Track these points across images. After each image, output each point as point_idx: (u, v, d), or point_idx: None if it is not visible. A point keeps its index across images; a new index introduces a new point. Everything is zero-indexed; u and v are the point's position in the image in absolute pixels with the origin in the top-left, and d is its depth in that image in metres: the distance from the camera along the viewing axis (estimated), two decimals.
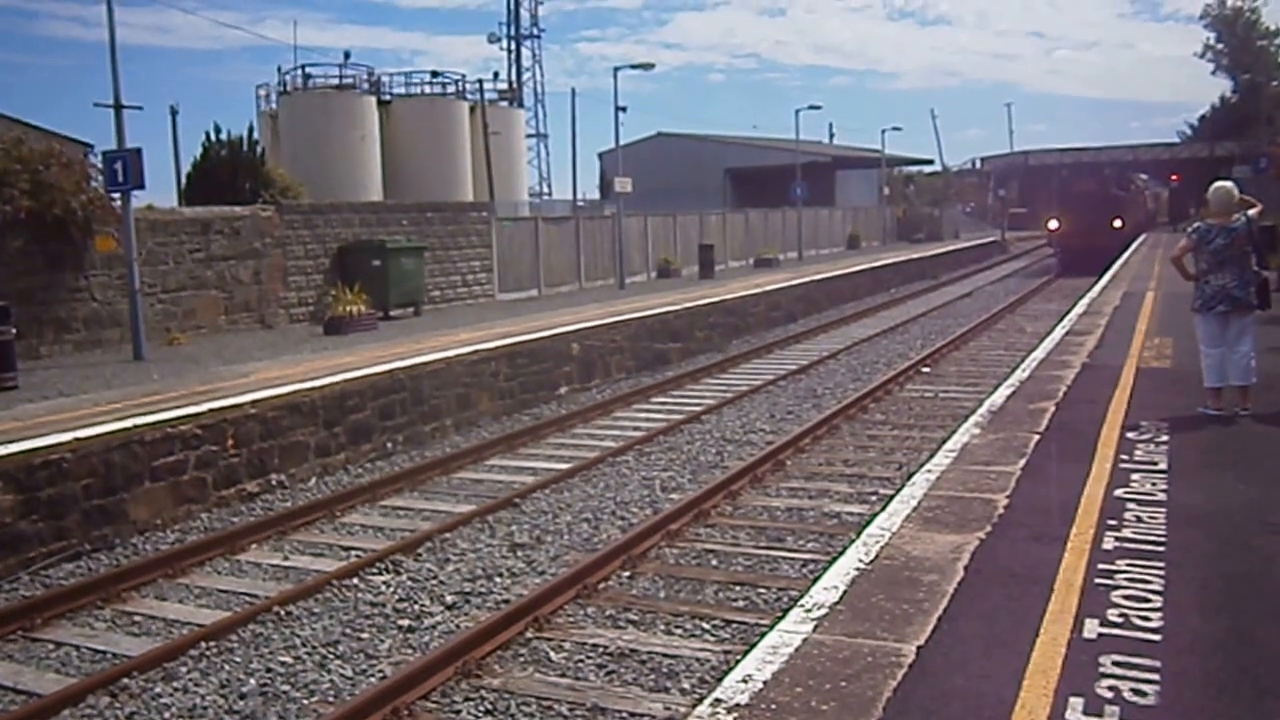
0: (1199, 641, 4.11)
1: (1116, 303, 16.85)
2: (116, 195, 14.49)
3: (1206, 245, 8.15)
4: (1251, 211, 8.27)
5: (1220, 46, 61.05)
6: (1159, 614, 4.34)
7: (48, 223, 14.24)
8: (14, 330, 12.25)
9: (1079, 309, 16.20)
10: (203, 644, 6.67)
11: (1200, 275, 8.24)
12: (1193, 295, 8.37)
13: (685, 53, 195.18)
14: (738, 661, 4.30)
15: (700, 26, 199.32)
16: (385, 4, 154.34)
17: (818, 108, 40.31)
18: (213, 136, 20.46)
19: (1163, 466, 6.72)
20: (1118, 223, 34.44)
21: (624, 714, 5.58)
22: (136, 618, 7.33)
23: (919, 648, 4.04)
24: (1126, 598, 4.52)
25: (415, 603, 7.36)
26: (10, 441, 8.66)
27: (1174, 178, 57.80)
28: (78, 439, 8.86)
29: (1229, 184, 8.37)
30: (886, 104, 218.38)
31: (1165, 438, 7.50)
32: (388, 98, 31.95)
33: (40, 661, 6.68)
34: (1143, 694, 3.65)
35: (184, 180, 21.86)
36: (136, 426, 9.35)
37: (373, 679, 6.14)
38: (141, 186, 14.21)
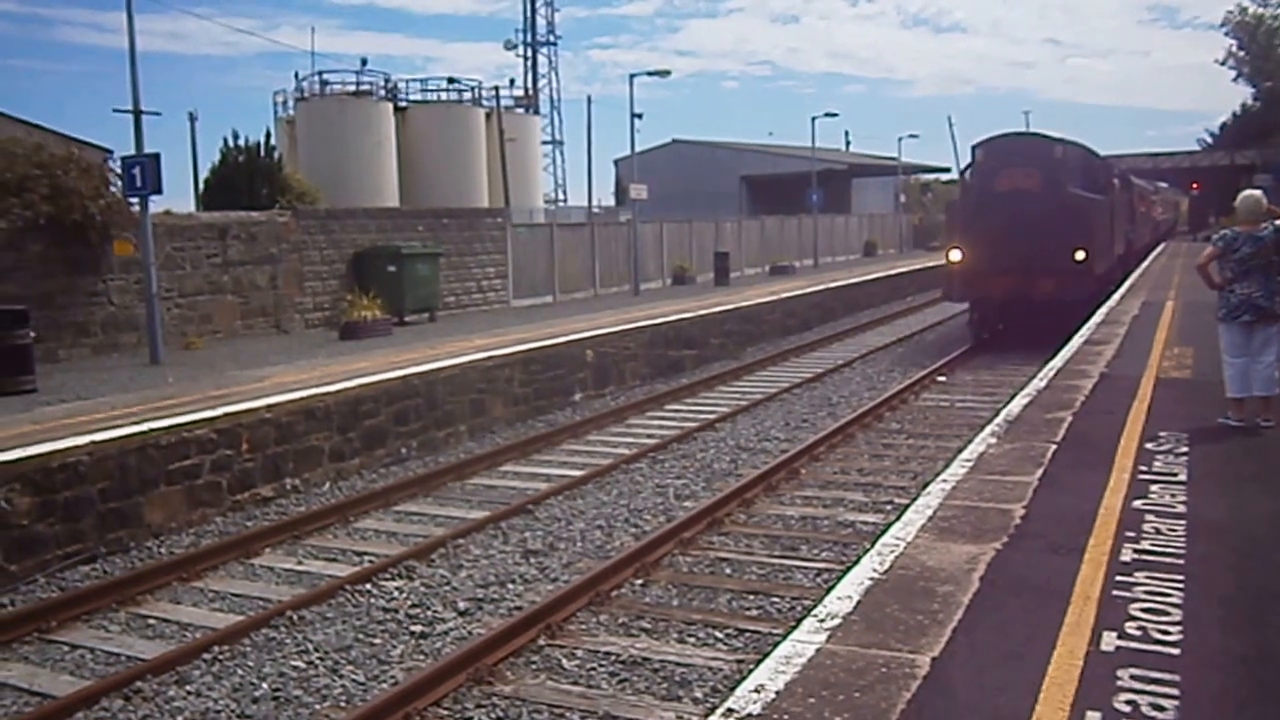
0: (1219, 656, 4.05)
1: (1135, 312, 16.73)
2: (135, 200, 14.58)
3: (1232, 253, 8.09)
4: (1279, 221, 8.19)
5: (1241, 54, 60.63)
6: (1178, 627, 4.28)
7: (67, 227, 14.33)
8: (33, 334, 12.33)
9: (1097, 318, 16.09)
10: (216, 647, 6.68)
11: (1226, 284, 8.17)
12: (1218, 304, 8.30)
13: (699, 60, 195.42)
14: (750, 671, 4.27)
15: (713, 34, 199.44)
16: (399, 11, 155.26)
17: (834, 115, 40.08)
18: (230, 142, 20.60)
19: (1182, 478, 6.64)
20: (1080, 254, 18.25)
21: None
22: (151, 621, 7.36)
23: (933, 659, 4.00)
24: (1145, 611, 4.46)
25: (428, 608, 7.35)
26: (28, 444, 8.71)
27: (1194, 186, 57.44)
28: (94, 442, 8.90)
29: (1258, 192, 8.30)
30: (901, 111, 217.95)
31: (1185, 449, 7.42)
32: (404, 104, 32.09)
33: (55, 663, 6.71)
34: (1161, 709, 3.59)
35: (202, 185, 22.03)
36: (152, 430, 9.38)
37: (385, 684, 6.14)
38: (159, 191, 14.32)
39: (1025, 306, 18.81)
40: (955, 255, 19.34)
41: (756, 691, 3.76)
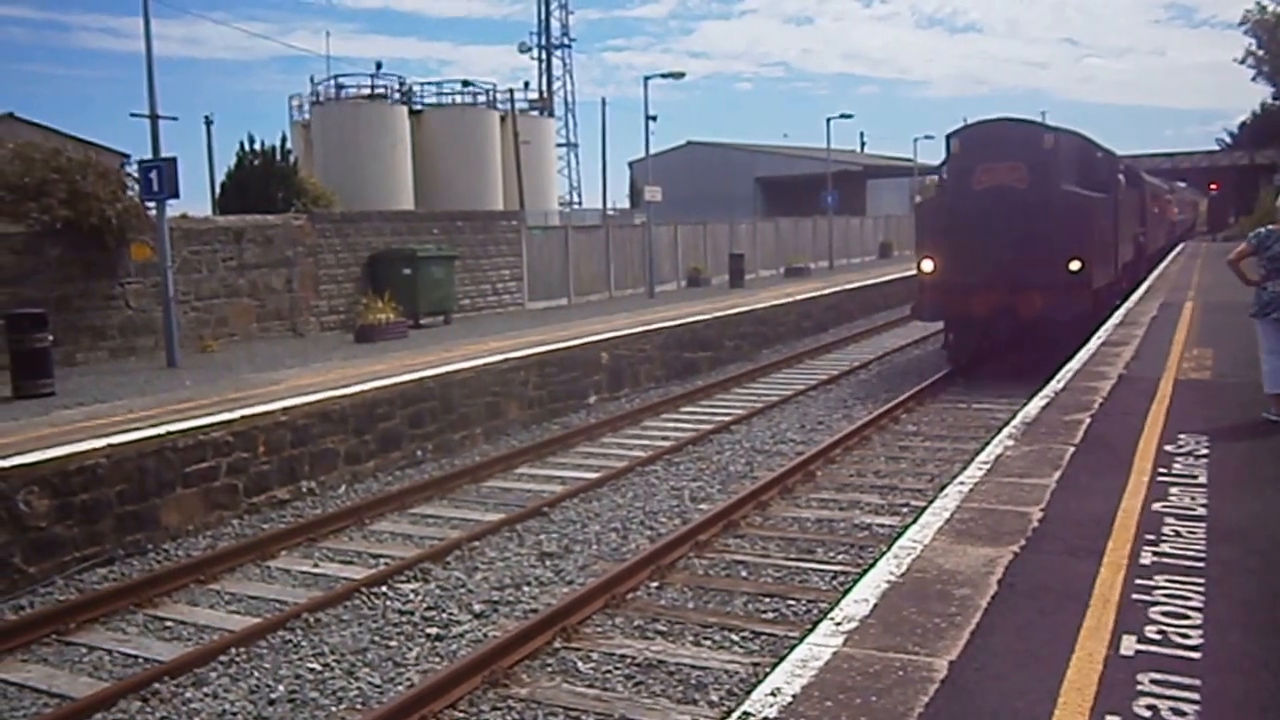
0: (1241, 660, 4.00)
1: (1154, 313, 16.60)
2: (151, 204, 14.66)
3: (1265, 251, 8.09)
4: None
5: (1260, 52, 60.10)
6: (1199, 631, 4.24)
7: (84, 231, 14.43)
8: (51, 337, 12.40)
9: (1115, 319, 15.97)
10: (233, 650, 6.71)
11: (1260, 281, 8.16)
12: (1251, 301, 8.31)
13: (712, 61, 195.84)
14: (766, 674, 4.25)
15: (727, 35, 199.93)
16: (413, 15, 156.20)
17: (849, 116, 40.07)
18: (246, 146, 20.71)
19: (1202, 480, 6.58)
20: (1076, 264, 15.40)
21: None
22: (168, 623, 7.39)
23: (951, 663, 3.97)
24: (1165, 614, 4.42)
25: (443, 611, 7.36)
26: (47, 447, 8.76)
27: (1213, 186, 57.06)
28: (112, 445, 8.95)
29: None
30: (916, 112, 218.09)
31: (1205, 451, 7.36)
32: (419, 107, 32.21)
33: (74, 665, 6.75)
34: (1182, 714, 3.55)
35: (218, 189, 22.16)
36: (169, 433, 9.43)
37: (400, 687, 6.14)
38: (176, 195, 14.40)
39: (1010, 327, 16.00)
40: (927, 266, 16.45)
41: (773, 695, 3.74)
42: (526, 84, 43.29)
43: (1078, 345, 13.10)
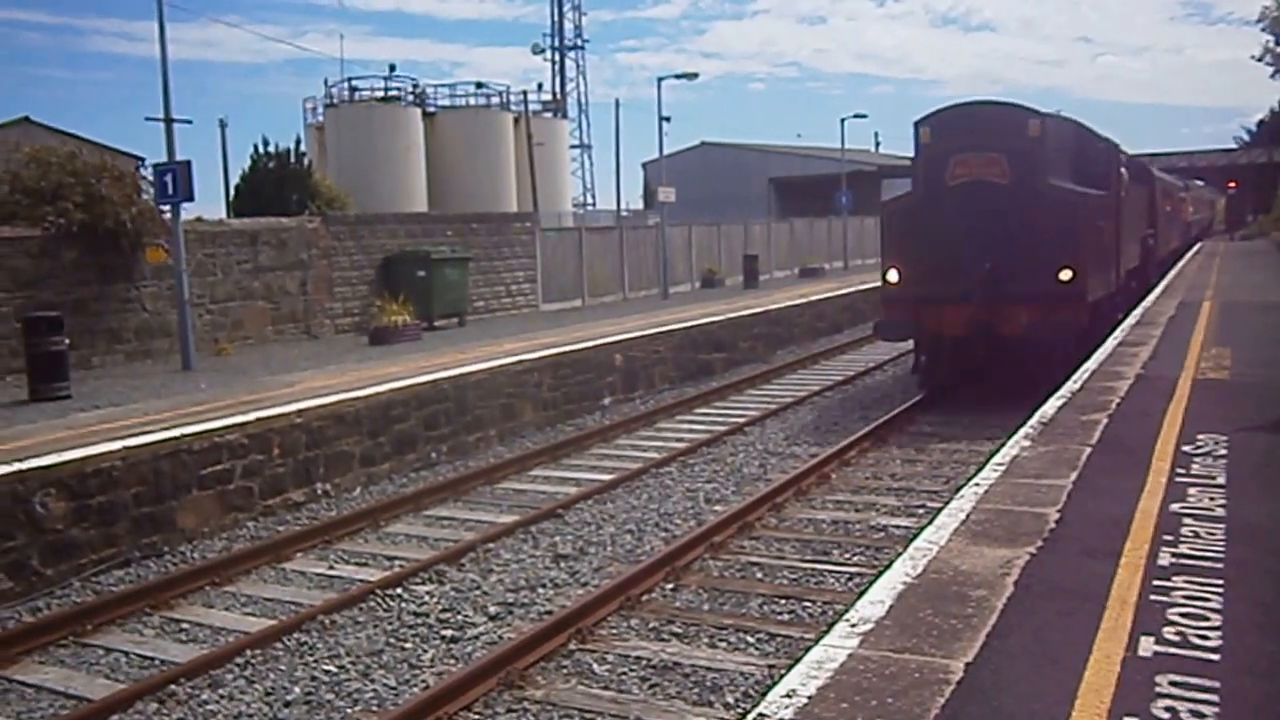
0: (1260, 662, 3.96)
1: (1171, 313, 16.49)
2: (166, 207, 14.73)
3: None
4: None
5: (1279, 49, 59.70)
6: (1217, 633, 4.20)
7: (100, 235, 14.52)
8: (67, 340, 12.48)
9: (1132, 319, 15.88)
10: (249, 651, 6.73)
11: None
12: None
13: (725, 62, 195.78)
14: (782, 676, 4.23)
15: (739, 35, 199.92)
16: (425, 17, 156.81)
17: (863, 116, 40.03)
18: (260, 149, 20.79)
19: (1221, 481, 6.53)
20: (1066, 273, 13.15)
21: None
22: (184, 625, 7.42)
23: (967, 664, 3.94)
24: (1183, 616, 4.38)
25: (458, 613, 7.37)
26: (63, 450, 8.80)
27: (1230, 184, 56.68)
28: (128, 448, 8.99)
29: None
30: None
31: (1224, 451, 7.30)
32: (433, 109, 32.29)
33: (90, 667, 6.78)
34: (1201, 715, 3.52)
35: (232, 192, 22.25)
36: (185, 435, 9.47)
37: (416, 689, 6.15)
38: (191, 199, 14.47)
39: (988, 348, 13.49)
40: (892, 276, 14.16)
41: (788, 696, 3.72)
42: (540, 85, 43.45)
43: (1071, 368, 11.30)
